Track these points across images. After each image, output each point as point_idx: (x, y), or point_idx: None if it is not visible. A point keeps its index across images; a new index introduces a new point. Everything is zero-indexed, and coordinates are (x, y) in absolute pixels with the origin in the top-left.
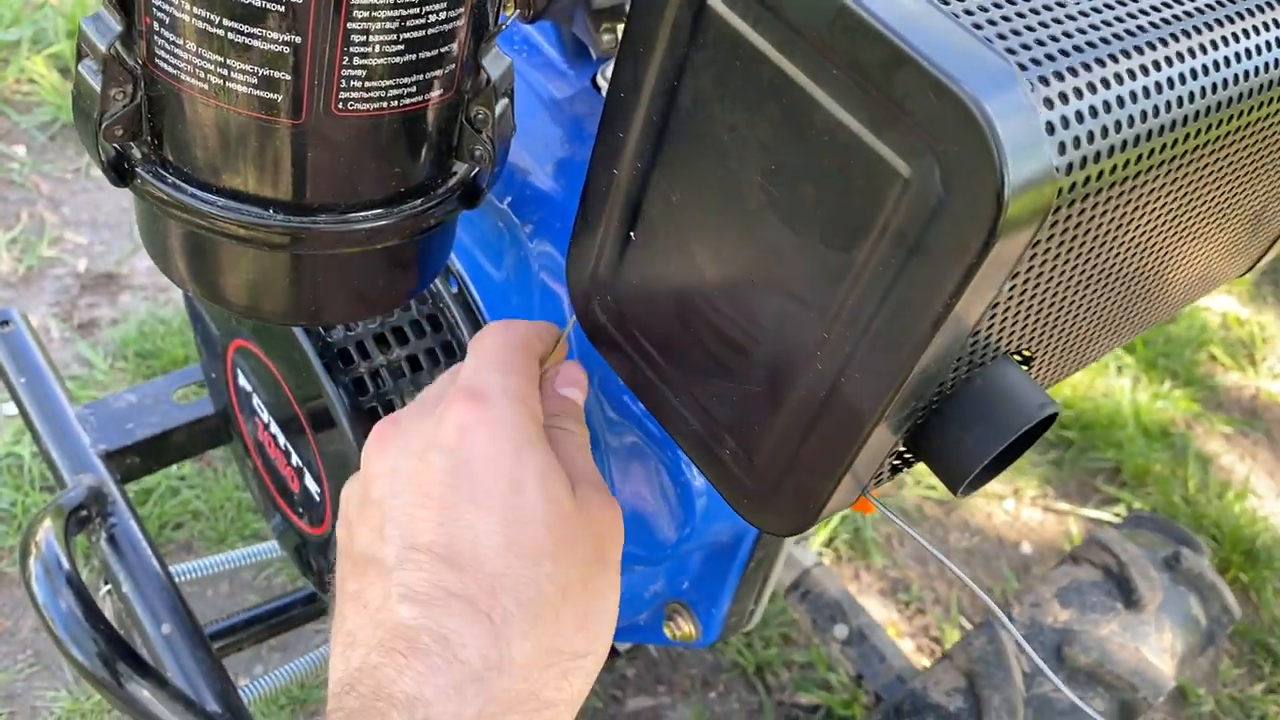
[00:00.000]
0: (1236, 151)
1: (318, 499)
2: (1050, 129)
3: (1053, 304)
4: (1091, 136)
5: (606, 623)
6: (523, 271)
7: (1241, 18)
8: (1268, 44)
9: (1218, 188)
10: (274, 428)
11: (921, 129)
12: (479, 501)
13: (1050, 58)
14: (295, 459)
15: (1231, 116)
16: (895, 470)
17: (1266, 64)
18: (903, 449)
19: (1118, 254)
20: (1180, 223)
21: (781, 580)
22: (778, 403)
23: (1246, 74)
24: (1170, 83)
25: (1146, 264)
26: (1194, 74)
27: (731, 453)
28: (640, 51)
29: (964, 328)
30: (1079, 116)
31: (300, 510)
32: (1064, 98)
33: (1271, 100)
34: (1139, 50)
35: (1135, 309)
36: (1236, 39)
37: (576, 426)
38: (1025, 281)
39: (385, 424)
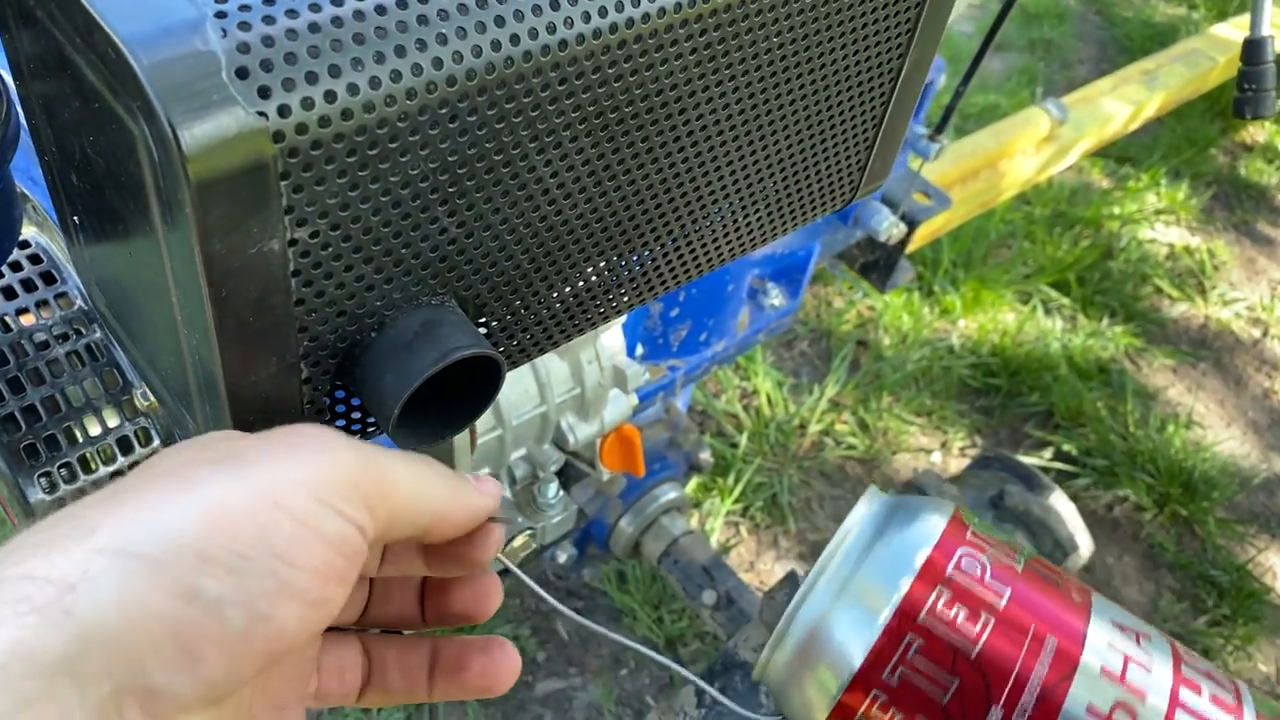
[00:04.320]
0: (643, 94)
1: None
2: (244, 74)
3: (452, 248)
4: (314, 77)
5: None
6: None
7: None
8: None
9: (656, 130)
10: None
11: (121, 84)
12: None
13: (268, 2)
14: None
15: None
16: (360, 430)
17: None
18: (353, 406)
19: (516, 198)
20: (614, 166)
21: (652, 550)
22: (184, 371)
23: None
24: (426, 19)
25: (607, 207)
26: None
27: (192, 425)
28: (6, 38)
29: (257, 273)
30: (290, 58)
31: None
32: (268, 41)
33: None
34: None
35: (658, 254)
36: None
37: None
38: (343, 227)
39: None
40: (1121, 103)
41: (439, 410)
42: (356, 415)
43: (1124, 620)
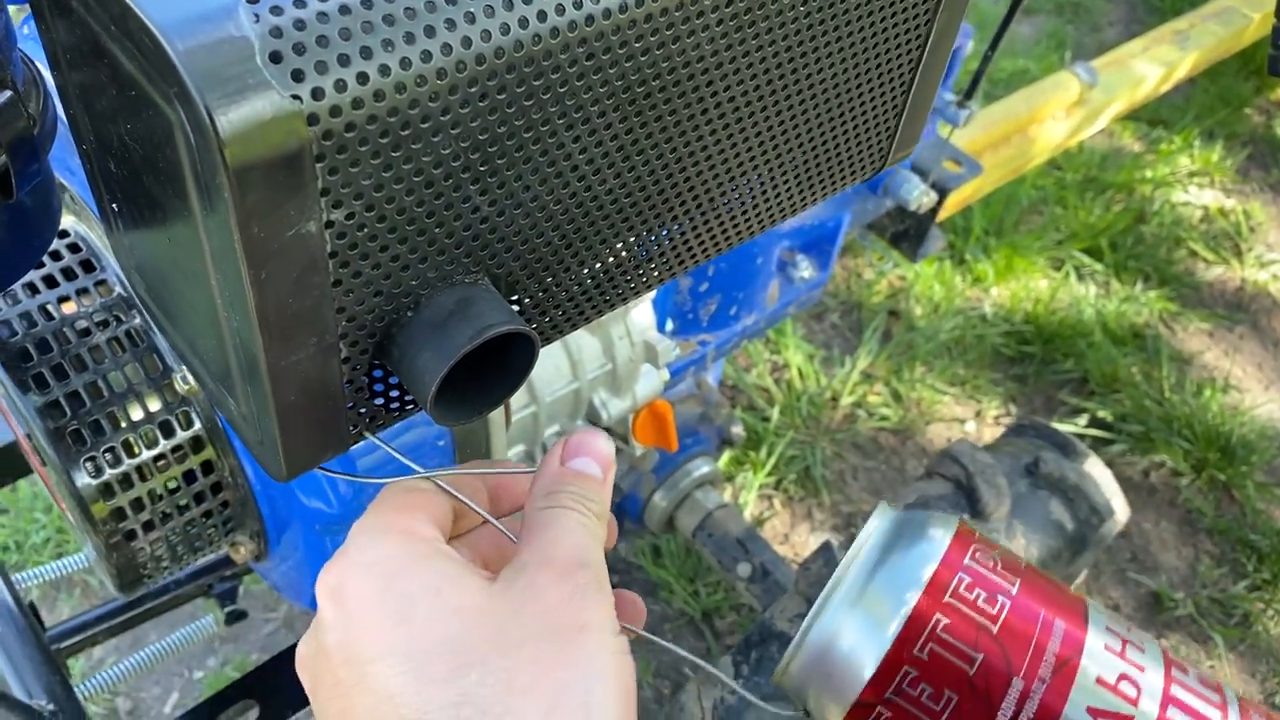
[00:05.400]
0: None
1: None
2: (277, 58)
3: (484, 226)
4: (346, 59)
5: (591, 688)
6: None
7: None
8: None
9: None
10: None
11: (157, 71)
12: (375, 655)
13: None
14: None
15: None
16: (399, 408)
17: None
18: (391, 384)
19: (546, 175)
20: (642, 140)
21: (686, 524)
22: (225, 353)
23: None
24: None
25: (637, 181)
26: None
27: (234, 406)
28: (43, 29)
29: (295, 255)
30: (322, 41)
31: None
32: (300, 24)
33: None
34: None
35: (689, 227)
36: None
37: (577, 503)
38: (378, 208)
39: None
40: (1153, 64)
41: (474, 387)
42: (395, 394)
43: (1117, 626)
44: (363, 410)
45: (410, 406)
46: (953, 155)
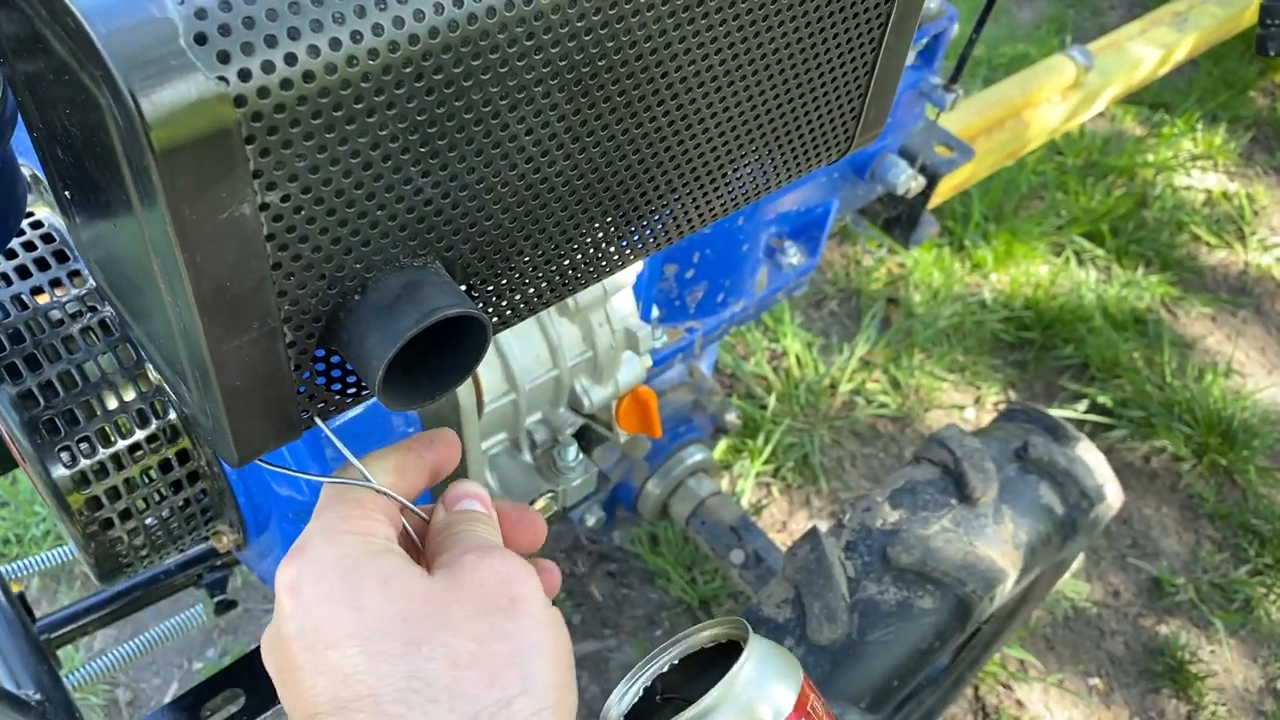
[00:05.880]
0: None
1: None
2: (202, 39)
3: (429, 209)
4: (273, 40)
5: (527, 659)
6: None
7: None
8: None
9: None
10: None
11: (85, 55)
12: (331, 641)
13: None
14: None
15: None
16: (354, 393)
17: None
18: (347, 369)
19: (491, 157)
20: (591, 122)
21: (679, 511)
22: (174, 340)
23: None
24: None
25: (589, 164)
26: None
27: (187, 394)
28: None
29: (230, 238)
30: (248, 22)
31: None
32: (226, 5)
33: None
34: None
35: (645, 211)
36: None
37: (474, 523)
38: (314, 190)
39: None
40: (1150, 46)
41: (429, 372)
42: (352, 380)
43: None
44: (313, 396)
45: (364, 392)
46: (944, 140)
